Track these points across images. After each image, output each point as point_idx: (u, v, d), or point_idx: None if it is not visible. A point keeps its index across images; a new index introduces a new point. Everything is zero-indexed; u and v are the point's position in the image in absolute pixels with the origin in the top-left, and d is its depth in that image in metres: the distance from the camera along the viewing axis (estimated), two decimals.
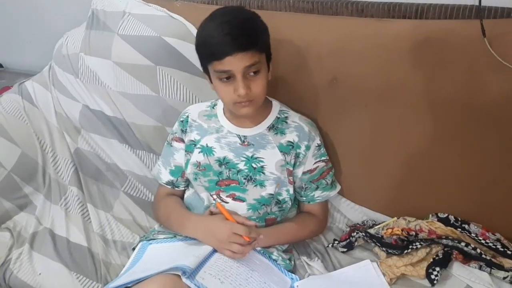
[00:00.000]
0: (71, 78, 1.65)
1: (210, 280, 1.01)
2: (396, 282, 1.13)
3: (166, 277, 0.97)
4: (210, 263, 1.07)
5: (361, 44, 1.21)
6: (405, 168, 1.23)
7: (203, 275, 1.01)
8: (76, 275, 1.26)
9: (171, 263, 1.01)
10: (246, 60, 1.06)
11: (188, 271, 0.98)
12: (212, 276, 1.02)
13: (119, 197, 1.52)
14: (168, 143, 1.34)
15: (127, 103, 1.56)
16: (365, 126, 1.25)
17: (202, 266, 1.05)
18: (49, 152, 1.60)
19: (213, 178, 1.24)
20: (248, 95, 1.10)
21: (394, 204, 1.26)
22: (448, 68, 1.13)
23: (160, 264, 1.03)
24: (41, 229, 1.43)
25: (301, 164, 1.23)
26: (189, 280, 0.97)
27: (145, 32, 1.50)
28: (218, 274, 1.04)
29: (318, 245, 1.30)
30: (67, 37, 1.70)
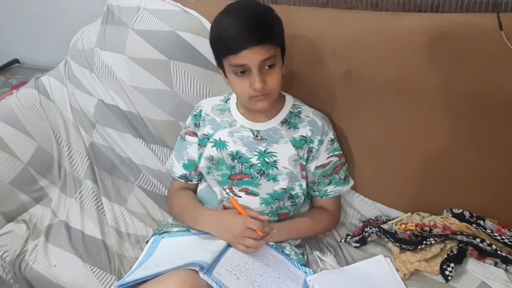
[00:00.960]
0: (86, 73, 1.66)
1: (226, 275, 1.01)
2: (410, 277, 1.12)
3: (184, 272, 0.97)
4: (225, 258, 1.07)
5: (375, 38, 1.20)
6: (420, 163, 1.22)
7: (219, 271, 1.01)
8: (91, 267, 1.28)
9: (186, 258, 1.01)
10: (262, 53, 1.06)
11: (206, 267, 0.98)
12: (228, 271, 1.02)
13: (133, 190, 1.53)
14: (181, 137, 1.34)
15: (141, 97, 1.57)
16: (380, 121, 1.24)
17: (218, 261, 1.05)
18: (64, 146, 1.63)
19: (225, 172, 1.24)
20: (264, 89, 1.09)
21: (408, 200, 1.25)
22: (464, 62, 1.12)
23: (174, 259, 1.03)
24: (57, 222, 1.45)
25: (314, 158, 1.23)
26: (207, 275, 0.97)
27: (160, 27, 1.51)
28: (234, 269, 1.04)
29: (330, 240, 1.30)
30: (83, 32, 1.72)
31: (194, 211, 1.23)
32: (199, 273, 0.97)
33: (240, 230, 1.10)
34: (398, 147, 1.24)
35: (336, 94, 1.28)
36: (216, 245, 1.10)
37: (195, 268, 0.98)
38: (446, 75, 1.13)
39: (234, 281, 1.01)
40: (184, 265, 0.99)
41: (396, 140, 1.23)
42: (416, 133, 1.21)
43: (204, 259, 1.00)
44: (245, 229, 1.10)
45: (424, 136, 1.20)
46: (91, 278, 1.25)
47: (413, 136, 1.21)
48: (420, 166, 1.22)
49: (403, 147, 1.23)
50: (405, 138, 1.22)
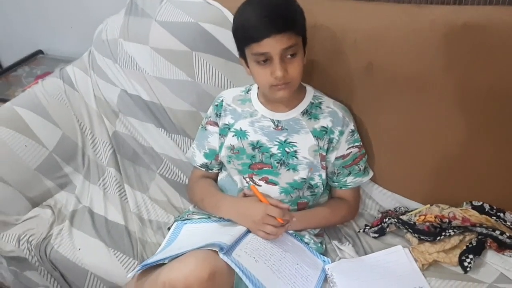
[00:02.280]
0: (110, 63, 1.69)
1: (245, 258, 1.03)
2: (428, 268, 1.13)
3: (203, 252, 0.99)
4: (244, 242, 1.09)
5: (398, 30, 1.20)
6: (440, 155, 1.22)
7: (238, 253, 1.03)
8: (114, 251, 1.31)
9: (207, 241, 1.03)
10: (284, 42, 1.08)
11: (225, 248, 1.01)
12: (247, 254, 1.04)
13: (155, 179, 1.56)
14: (202, 127, 1.37)
15: (163, 88, 1.59)
16: (400, 114, 1.25)
17: (238, 244, 1.07)
18: (88, 134, 1.66)
19: (246, 162, 1.26)
20: (285, 78, 1.11)
21: (427, 192, 1.26)
22: (487, 55, 1.11)
23: (196, 242, 1.06)
24: (81, 207, 1.49)
25: (334, 149, 1.24)
26: (226, 256, 0.99)
27: (182, 18, 1.53)
28: (252, 252, 1.06)
29: (349, 230, 1.31)
30: (107, 23, 1.75)
31: (215, 199, 1.25)
32: (218, 253, 1.00)
33: (260, 217, 1.12)
34: (418, 139, 1.24)
35: (356, 87, 1.29)
36: (236, 230, 1.12)
37: (214, 248, 1.00)
38: (469, 69, 1.13)
39: (253, 263, 1.03)
40: (203, 246, 1.01)
41: (416, 132, 1.24)
42: (437, 126, 1.21)
43: (224, 241, 1.03)
44: (266, 216, 1.12)
45: (445, 129, 1.20)
46: (114, 262, 1.29)
47: (433, 128, 1.21)
48: (440, 158, 1.22)
49: (423, 139, 1.23)
50: (425, 131, 1.22)
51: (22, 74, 2.25)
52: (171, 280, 0.93)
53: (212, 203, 1.25)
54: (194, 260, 0.96)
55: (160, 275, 0.96)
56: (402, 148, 1.27)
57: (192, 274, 0.93)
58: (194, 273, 0.93)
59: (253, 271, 1.00)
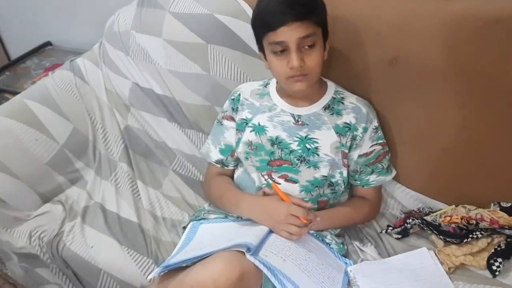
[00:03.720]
0: (121, 56, 1.65)
1: (272, 258, 0.99)
2: (455, 271, 1.09)
3: (230, 254, 0.96)
4: (269, 242, 1.05)
5: (425, 21, 1.15)
6: (467, 154, 1.17)
7: (265, 253, 1.00)
8: (127, 250, 1.28)
9: (230, 241, 1.00)
10: (301, 30, 1.04)
11: (252, 248, 0.97)
12: (274, 254, 1.01)
13: (168, 175, 1.53)
14: (218, 122, 1.32)
15: (176, 81, 1.55)
16: (426, 110, 1.19)
17: (263, 245, 1.03)
18: (99, 128, 1.62)
19: (264, 158, 1.22)
20: (302, 68, 1.07)
21: (453, 192, 1.21)
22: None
23: (218, 242, 1.02)
24: (92, 204, 1.45)
25: (357, 146, 1.20)
26: (253, 257, 0.95)
27: (197, 10, 1.48)
28: (279, 252, 1.02)
29: (370, 230, 1.27)
30: (118, 15, 1.70)
31: (234, 197, 1.21)
32: (245, 254, 0.96)
33: (283, 217, 1.08)
34: (444, 137, 1.19)
35: (379, 80, 1.24)
36: (259, 230, 1.08)
37: (241, 249, 0.97)
38: (501, 64, 1.08)
39: (281, 263, 0.99)
40: (230, 246, 0.97)
41: (443, 130, 1.19)
42: (465, 124, 1.16)
43: (249, 241, 0.99)
44: (289, 216, 1.08)
45: (473, 127, 1.15)
46: (128, 260, 1.25)
47: (461, 126, 1.16)
48: (467, 157, 1.17)
49: (449, 137, 1.18)
50: (452, 129, 1.17)
51: (31, 66, 2.21)
52: (199, 283, 0.90)
53: (231, 202, 1.21)
54: (222, 262, 0.93)
55: (186, 278, 0.93)
56: (427, 146, 1.22)
57: (221, 276, 0.90)
58: (223, 275, 0.90)
59: (283, 271, 0.96)
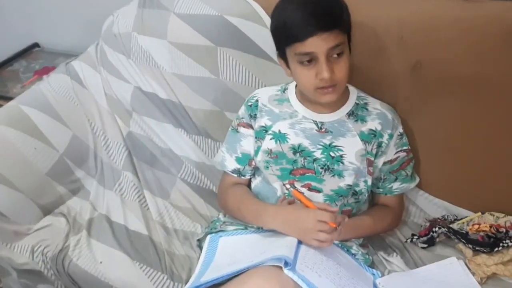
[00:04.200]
0: (122, 59, 1.57)
1: (308, 273, 0.94)
2: (486, 282, 1.07)
3: (267, 269, 0.91)
4: (301, 255, 1.00)
5: (449, 26, 1.13)
6: (492, 160, 1.16)
7: (301, 268, 0.95)
8: (140, 265, 1.21)
9: (262, 254, 0.95)
10: (331, 40, 1.00)
11: (290, 262, 0.92)
12: (309, 268, 0.96)
13: (176, 184, 1.46)
14: (233, 129, 1.26)
15: (183, 85, 1.48)
16: (451, 116, 1.17)
17: (297, 258, 0.98)
18: (100, 135, 1.54)
19: (286, 167, 1.17)
20: (332, 79, 1.02)
21: (478, 199, 1.19)
22: None
23: (250, 256, 0.97)
24: (97, 215, 1.38)
25: (382, 154, 1.16)
26: (292, 272, 0.91)
27: (205, 11, 1.42)
28: (313, 267, 0.97)
29: (394, 239, 1.24)
30: (118, 16, 1.62)
31: (255, 208, 1.16)
32: (283, 269, 0.91)
33: (312, 225, 1.02)
34: (470, 144, 1.17)
35: (402, 86, 1.21)
36: (289, 240, 1.03)
37: (278, 264, 0.92)
38: None
39: (316, 278, 0.94)
40: (266, 260, 0.92)
41: (468, 137, 1.17)
42: (491, 131, 1.14)
43: (286, 254, 0.94)
44: (317, 223, 1.02)
45: (499, 133, 1.14)
46: (141, 276, 1.19)
47: (487, 133, 1.15)
48: (493, 164, 1.16)
49: (475, 144, 1.16)
50: (478, 135, 1.16)
51: (19, 69, 2.10)
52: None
53: (252, 213, 1.15)
54: (260, 279, 0.89)
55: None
56: (452, 152, 1.20)
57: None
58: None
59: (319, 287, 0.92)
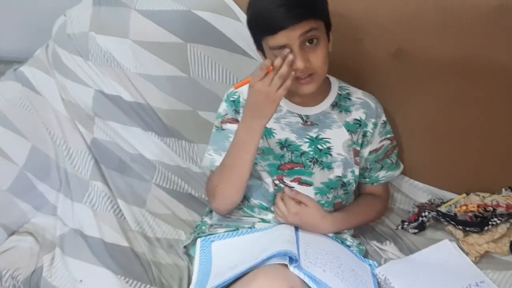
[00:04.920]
0: (79, 61, 1.46)
1: (313, 269, 0.92)
2: (480, 260, 1.09)
3: (273, 268, 0.88)
4: (302, 250, 0.98)
5: (429, 12, 1.14)
6: (474, 142, 1.19)
7: (306, 264, 0.92)
8: (125, 279, 1.12)
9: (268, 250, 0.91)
10: (301, 29, 0.96)
11: (295, 258, 0.89)
12: (312, 264, 0.93)
13: (151, 190, 1.37)
14: (217, 128, 1.20)
15: (150, 86, 1.40)
16: (435, 102, 1.19)
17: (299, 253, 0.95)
18: (61, 144, 1.42)
19: (273, 162, 1.14)
20: (307, 69, 1.00)
21: (462, 181, 1.22)
22: None
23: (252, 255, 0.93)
24: (68, 231, 1.27)
25: (368, 143, 1.16)
26: (298, 269, 0.88)
27: (171, 6, 1.35)
28: (316, 262, 0.95)
29: (384, 228, 1.24)
30: (71, 15, 1.51)
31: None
32: (289, 267, 0.88)
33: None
34: (453, 127, 1.20)
35: (385, 75, 1.21)
36: (288, 236, 1.00)
37: (282, 261, 0.89)
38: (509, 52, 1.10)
39: (321, 273, 0.92)
40: (270, 257, 0.89)
41: (450, 121, 1.19)
42: (472, 114, 1.17)
43: (290, 249, 0.90)
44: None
45: (480, 116, 1.17)
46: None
47: (468, 116, 1.18)
48: (477, 145, 1.19)
49: (459, 127, 1.19)
50: (462, 117, 1.18)
51: None
52: None
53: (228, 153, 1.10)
54: (267, 279, 0.85)
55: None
56: (433, 137, 1.22)
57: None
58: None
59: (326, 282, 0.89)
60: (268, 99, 0.98)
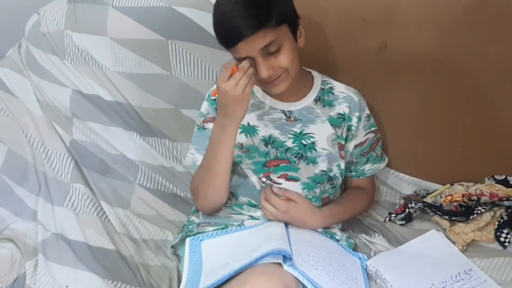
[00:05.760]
0: (55, 60, 1.42)
1: (306, 267, 0.91)
2: (467, 249, 1.11)
3: (267, 267, 0.87)
4: (294, 247, 0.97)
5: (411, 7, 1.14)
6: (460, 134, 1.21)
7: (300, 262, 0.91)
8: (113, 283, 1.10)
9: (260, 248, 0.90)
10: (259, 42, 0.95)
11: (289, 256, 0.88)
12: (305, 262, 0.93)
13: (135, 191, 1.35)
14: (199, 127, 1.18)
15: (130, 84, 1.38)
16: (417, 94, 1.21)
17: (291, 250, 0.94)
18: (39, 147, 1.39)
19: (259, 160, 1.13)
20: (275, 73, 1.00)
21: (446, 171, 1.24)
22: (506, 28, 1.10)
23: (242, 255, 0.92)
24: (50, 236, 1.24)
25: (353, 137, 1.16)
26: (292, 268, 0.87)
27: (150, 3, 1.32)
28: (308, 260, 0.95)
29: (371, 220, 1.25)
30: (45, 13, 1.46)
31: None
32: (283, 265, 0.88)
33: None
34: (436, 119, 1.21)
35: (368, 68, 1.22)
36: (279, 233, 0.99)
37: (276, 260, 0.88)
38: (488, 45, 1.12)
39: (314, 272, 0.92)
40: (264, 255, 0.88)
41: (435, 113, 1.21)
42: (456, 105, 1.19)
43: (284, 247, 0.90)
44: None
45: (465, 105, 1.19)
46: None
47: (452, 108, 1.19)
48: (459, 136, 1.21)
49: (442, 118, 1.21)
50: (444, 110, 1.20)
51: None
52: None
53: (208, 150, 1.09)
54: (262, 278, 0.85)
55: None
56: (418, 129, 1.24)
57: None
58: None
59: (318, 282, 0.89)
60: (236, 100, 0.97)
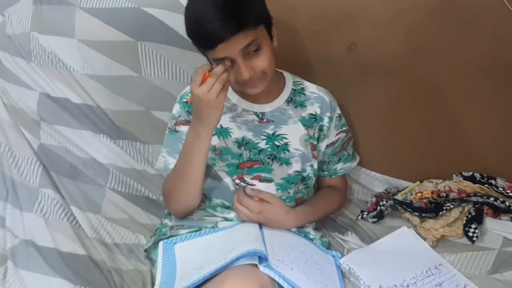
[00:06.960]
0: (21, 63, 1.38)
1: (282, 267, 0.91)
2: (437, 244, 1.13)
3: (243, 268, 0.87)
4: (269, 248, 0.97)
5: (380, 7, 1.16)
6: (428, 131, 1.24)
7: (274, 262, 0.91)
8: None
9: (231, 252, 0.90)
10: (240, 42, 0.94)
11: (264, 257, 0.88)
12: (280, 262, 0.93)
13: (106, 195, 1.33)
14: (171, 130, 1.17)
15: (99, 87, 1.35)
16: (386, 93, 1.23)
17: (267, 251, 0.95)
18: (5, 152, 1.35)
19: (232, 162, 1.13)
20: (255, 74, 1.00)
21: (415, 169, 1.27)
22: (471, 28, 1.13)
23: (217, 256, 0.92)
24: (19, 242, 1.20)
25: (325, 137, 1.17)
26: (268, 268, 0.87)
27: (118, 4, 1.30)
28: (283, 259, 0.95)
29: (344, 219, 1.26)
30: (10, 15, 1.42)
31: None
32: (259, 266, 0.88)
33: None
34: (405, 117, 1.24)
35: (338, 68, 1.23)
36: (254, 234, 1.00)
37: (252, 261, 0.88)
38: (454, 43, 1.15)
39: (289, 271, 0.92)
40: (240, 257, 0.88)
41: (404, 111, 1.23)
42: (425, 102, 1.21)
43: (260, 248, 0.90)
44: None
45: (433, 104, 1.21)
46: None
47: (421, 105, 1.22)
48: (428, 134, 1.24)
49: (410, 117, 1.23)
50: (413, 108, 1.23)
51: None
52: None
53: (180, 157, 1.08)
54: (238, 279, 0.84)
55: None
56: (388, 128, 1.26)
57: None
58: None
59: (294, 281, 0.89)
60: (209, 105, 0.96)
